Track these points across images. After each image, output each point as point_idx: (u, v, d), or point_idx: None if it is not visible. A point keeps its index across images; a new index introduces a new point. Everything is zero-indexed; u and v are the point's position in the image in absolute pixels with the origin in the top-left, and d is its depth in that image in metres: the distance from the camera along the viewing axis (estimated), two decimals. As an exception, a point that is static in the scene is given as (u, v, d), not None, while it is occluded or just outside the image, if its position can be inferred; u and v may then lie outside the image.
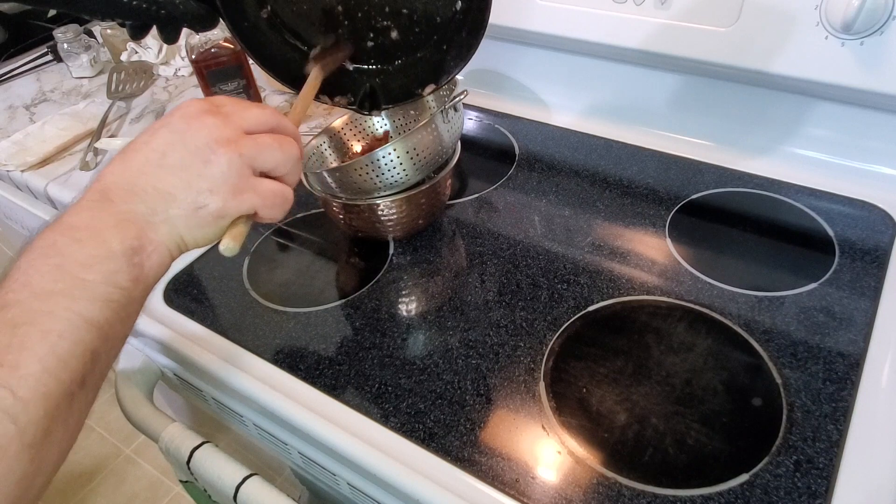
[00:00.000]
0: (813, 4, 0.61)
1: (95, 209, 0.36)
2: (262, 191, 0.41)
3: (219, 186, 0.39)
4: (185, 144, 0.38)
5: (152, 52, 1.12)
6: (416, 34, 0.60)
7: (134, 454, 1.59)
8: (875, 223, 0.65)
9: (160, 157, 0.38)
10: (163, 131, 0.39)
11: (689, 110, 0.78)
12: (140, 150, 0.39)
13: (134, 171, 0.38)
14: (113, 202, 0.37)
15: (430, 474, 0.48)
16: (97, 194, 0.37)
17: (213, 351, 0.60)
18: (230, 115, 0.40)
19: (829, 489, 0.44)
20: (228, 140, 0.39)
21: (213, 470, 0.56)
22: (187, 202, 0.38)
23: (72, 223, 0.36)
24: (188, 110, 0.40)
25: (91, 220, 0.36)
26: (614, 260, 0.64)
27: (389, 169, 0.61)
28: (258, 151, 0.40)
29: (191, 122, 0.39)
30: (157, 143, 0.39)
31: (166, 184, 0.38)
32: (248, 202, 0.40)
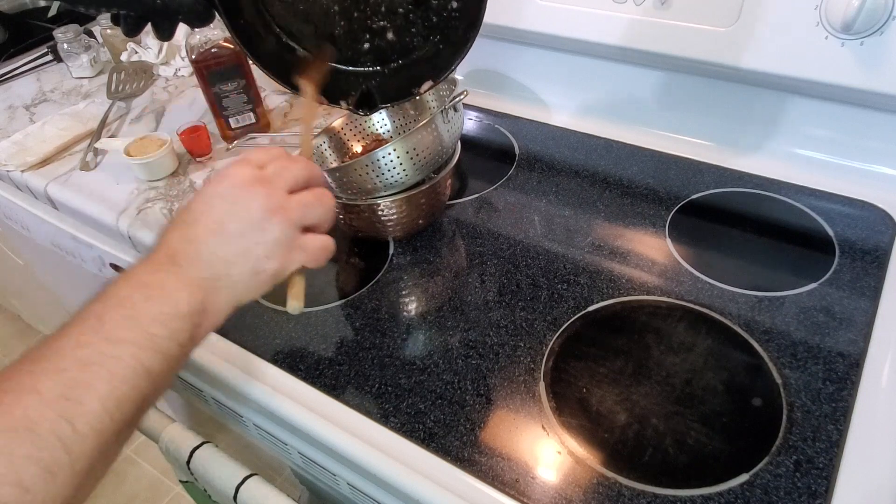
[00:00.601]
0: (813, 4, 0.61)
1: (165, 272, 0.40)
2: (309, 248, 0.45)
3: (274, 252, 0.43)
4: (240, 215, 0.42)
5: (152, 52, 1.12)
6: (412, 34, 0.60)
7: (134, 454, 1.59)
8: (875, 223, 0.65)
9: (219, 227, 0.42)
10: (217, 202, 0.43)
11: (689, 110, 0.78)
12: (199, 222, 0.42)
13: (199, 240, 0.42)
14: (181, 267, 0.41)
15: (430, 474, 0.48)
16: (165, 258, 0.41)
17: (214, 351, 0.60)
18: (274, 179, 0.44)
19: (829, 489, 0.44)
20: (279, 207, 0.43)
21: (213, 470, 0.56)
22: (247, 268, 0.43)
23: (145, 281, 0.40)
24: (236, 179, 0.43)
25: (163, 281, 0.40)
26: (614, 260, 0.64)
27: (389, 169, 0.61)
28: (304, 213, 0.44)
29: (241, 192, 0.43)
30: (214, 214, 0.42)
31: (227, 253, 0.42)
32: (299, 260, 0.45)
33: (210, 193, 0.43)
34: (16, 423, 0.31)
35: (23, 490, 0.30)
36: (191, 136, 0.85)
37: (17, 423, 0.31)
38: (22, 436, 0.31)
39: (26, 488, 0.30)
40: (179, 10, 0.52)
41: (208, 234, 0.42)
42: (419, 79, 0.61)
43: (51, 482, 0.31)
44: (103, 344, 0.36)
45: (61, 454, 0.32)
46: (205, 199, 0.43)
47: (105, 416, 0.34)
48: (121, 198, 0.82)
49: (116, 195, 0.82)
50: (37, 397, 0.32)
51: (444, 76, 0.61)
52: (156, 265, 0.41)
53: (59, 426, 0.32)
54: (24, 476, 0.30)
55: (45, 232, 0.95)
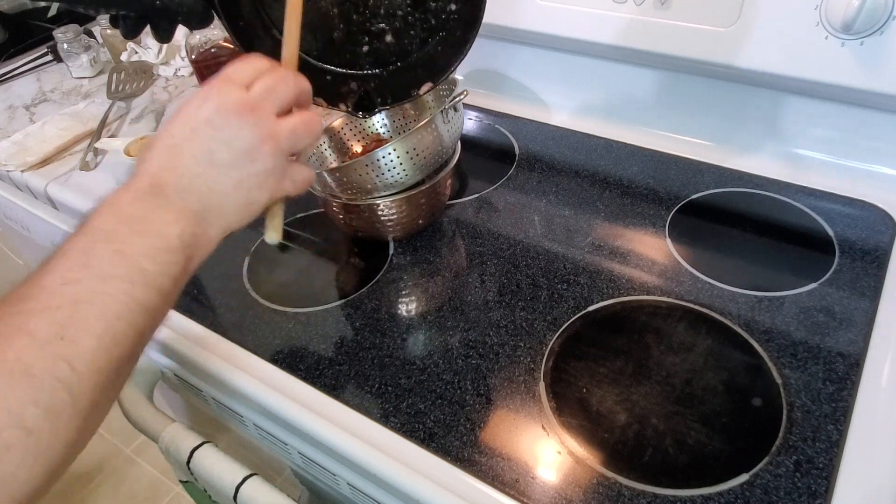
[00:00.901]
0: (813, 4, 0.61)
1: (152, 203, 0.38)
2: (297, 178, 0.44)
3: (265, 182, 0.42)
4: (230, 144, 0.40)
5: (152, 53, 1.12)
6: (411, 36, 0.60)
7: (134, 454, 1.59)
8: (875, 223, 0.65)
9: (208, 157, 0.40)
10: (205, 129, 0.40)
11: (689, 110, 0.78)
12: (184, 149, 0.40)
13: (185, 168, 0.40)
14: (168, 198, 0.39)
15: (430, 474, 0.48)
16: (150, 187, 0.39)
17: (213, 351, 0.60)
18: (262, 103, 0.41)
19: (829, 489, 0.44)
20: (269, 136, 0.41)
21: (213, 470, 0.56)
22: (239, 199, 0.41)
23: (131, 213, 0.38)
24: (223, 103, 0.40)
25: (151, 214, 0.38)
26: (614, 260, 0.64)
27: (389, 169, 0.61)
28: (294, 141, 0.43)
29: (230, 119, 0.40)
30: (202, 141, 0.40)
31: (218, 184, 0.40)
32: (287, 189, 0.44)
33: (195, 118, 0.40)
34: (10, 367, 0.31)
35: (26, 432, 0.30)
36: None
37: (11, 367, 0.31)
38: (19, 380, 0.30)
39: (29, 430, 0.30)
40: (178, 11, 0.52)
41: (196, 164, 0.40)
42: (418, 80, 0.61)
43: (54, 423, 0.31)
44: (94, 281, 0.34)
45: (62, 395, 0.31)
46: (189, 122, 0.41)
47: (103, 354, 0.33)
48: (121, 198, 0.81)
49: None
50: (29, 339, 0.32)
51: (443, 78, 0.61)
52: (141, 194, 0.39)
53: (57, 367, 0.31)
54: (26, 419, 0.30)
55: (45, 232, 0.95)
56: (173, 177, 0.39)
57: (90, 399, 0.33)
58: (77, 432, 0.32)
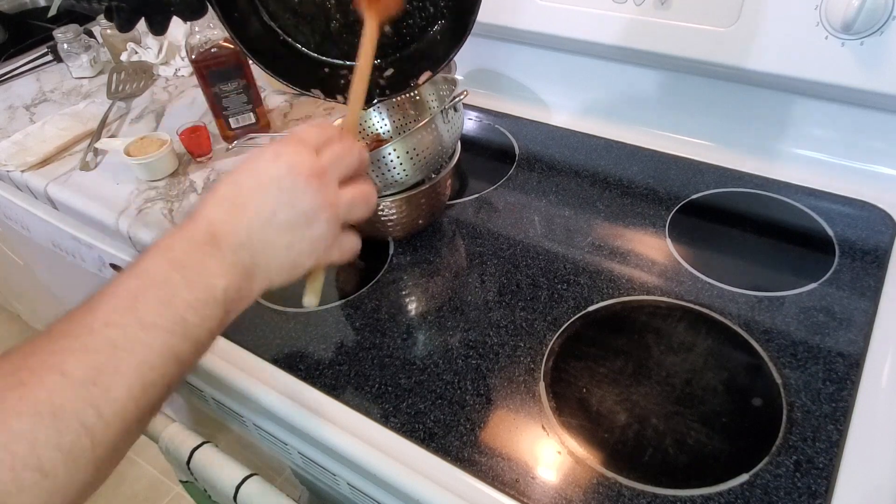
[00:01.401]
0: (813, 4, 0.61)
1: (206, 253, 0.38)
2: (345, 247, 0.45)
3: (316, 248, 0.42)
4: (292, 206, 0.41)
5: (152, 52, 1.12)
6: (409, 25, 0.60)
7: (134, 454, 1.59)
8: (875, 223, 0.65)
9: (270, 214, 0.40)
10: (272, 189, 0.40)
11: (689, 110, 0.78)
12: (248, 205, 0.40)
13: (244, 224, 0.40)
14: (222, 250, 0.39)
15: (430, 474, 0.48)
16: (207, 236, 0.39)
17: (214, 351, 0.60)
18: (329, 171, 0.42)
19: (829, 489, 0.44)
20: (330, 203, 0.42)
21: (213, 470, 0.56)
22: (288, 260, 0.42)
23: (184, 262, 0.38)
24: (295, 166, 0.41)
25: (203, 264, 0.38)
26: (614, 260, 0.64)
27: (389, 169, 0.61)
28: (349, 212, 0.44)
29: (298, 182, 0.41)
30: (268, 199, 0.40)
31: (272, 242, 0.41)
32: (334, 257, 0.45)
33: (263, 174, 0.41)
34: (39, 407, 0.30)
35: (42, 475, 0.30)
36: (191, 136, 0.85)
37: (40, 407, 0.30)
38: (45, 420, 0.30)
39: (46, 473, 0.30)
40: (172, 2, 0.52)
41: (256, 219, 0.40)
42: (417, 70, 0.61)
43: (72, 467, 0.31)
44: (136, 328, 0.34)
45: (84, 440, 0.31)
46: (257, 178, 0.41)
47: (131, 404, 0.33)
48: (121, 198, 0.82)
49: (116, 195, 0.82)
50: (62, 379, 0.31)
51: (441, 66, 0.60)
52: (196, 243, 0.39)
53: (85, 413, 0.31)
54: (44, 461, 0.30)
55: (45, 232, 0.95)
56: (230, 230, 0.39)
57: (110, 446, 0.33)
58: (91, 476, 0.32)
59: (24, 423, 0.30)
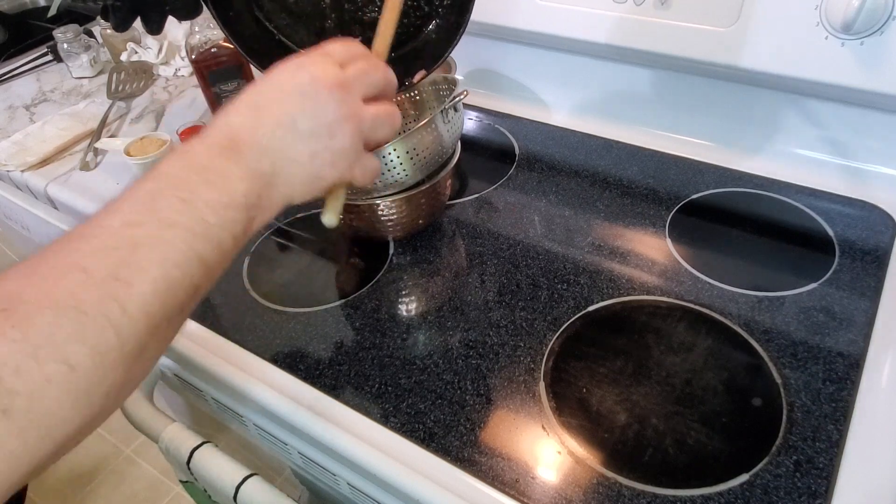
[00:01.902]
0: (813, 4, 0.61)
1: (226, 158, 0.38)
2: (366, 165, 0.44)
3: (339, 160, 0.42)
4: (315, 115, 0.40)
5: (152, 52, 1.12)
6: (404, 24, 0.60)
7: (134, 454, 1.59)
8: (875, 223, 0.65)
9: (292, 121, 0.40)
10: (295, 95, 0.40)
11: (689, 110, 0.78)
12: (270, 110, 0.40)
13: (266, 130, 0.39)
14: (243, 155, 0.38)
15: (430, 474, 0.48)
16: (227, 141, 0.39)
17: (213, 351, 0.60)
18: (354, 84, 0.42)
19: (829, 489, 0.44)
20: (353, 116, 0.41)
21: (213, 470, 0.56)
22: (310, 171, 0.41)
23: (204, 164, 0.37)
24: (318, 76, 0.41)
25: (223, 167, 0.38)
26: (614, 260, 0.64)
27: (389, 169, 0.61)
28: (375, 127, 0.43)
29: (321, 91, 0.40)
30: (289, 106, 0.40)
31: (294, 151, 0.40)
32: (356, 175, 0.44)
33: (287, 83, 0.41)
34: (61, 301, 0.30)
35: (69, 368, 0.29)
36: (191, 136, 0.85)
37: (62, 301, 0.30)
38: (69, 314, 0.29)
39: (73, 366, 0.29)
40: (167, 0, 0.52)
41: (279, 127, 0.40)
42: (412, 69, 0.61)
43: (99, 362, 0.30)
44: (156, 226, 0.34)
45: (110, 335, 0.30)
46: (279, 86, 0.41)
47: (156, 300, 0.33)
48: (121, 198, 0.81)
49: (116, 195, 0.82)
50: (83, 276, 0.31)
51: (437, 65, 0.60)
52: (216, 148, 0.38)
53: (109, 306, 0.31)
54: (70, 354, 0.29)
55: (45, 232, 0.95)
56: (252, 136, 0.39)
57: (138, 343, 0.32)
58: (122, 376, 0.31)
59: (47, 316, 0.29)
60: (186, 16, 0.55)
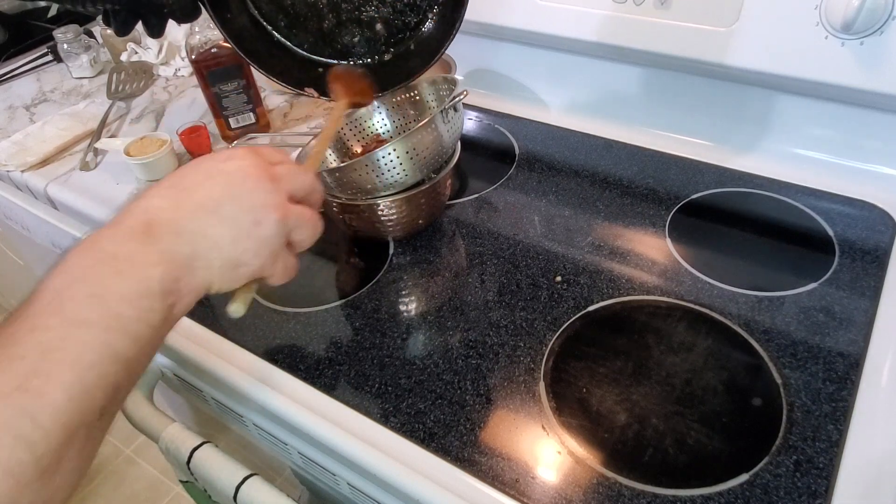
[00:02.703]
0: (813, 4, 0.61)
1: (140, 241, 0.36)
2: (287, 262, 0.43)
3: (261, 249, 0.40)
4: (241, 200, 0.39)
5: (152, 53, 1.12)
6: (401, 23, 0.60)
7: (134, 454, 1.59)
8: (875, 223, 0.65)
9: (216, 205, 0.38)
10: (220, 179, 0.39)
11: (689, 110, 0.78)
12: (194, 193, 0.39)
13: (186, 212, 0.38)
14: (159, 239, 0.36)
15: (430, 474, 0.48)
16: (141, 226, 0.36)
17: (213, 351, 0.60)
18: (282, 179, 0.41)
19: (829, 489, 0.44)
20: (279, 207, 0.40)
21: (213, 470, 0.56)
22: (231, 256, 0.39)
23: (114, 252, 0.35)
24: (244, 163, 0.40)
25: (134, 253, 0.35)
26: (614, 260, 0.64)
27: (389, 169, 0.61)
28: (299, 224, 0.42)
29: (247, 178, 0.39)
30: (213, 190, 0.39)
31: (216, 234, 0.38)
32: (275, 269, 0.42)
33: (212, 168, 0.39)
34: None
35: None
36: (191, 136, 0.85)
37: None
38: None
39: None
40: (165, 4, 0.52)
41: (200, 210, 0.38)
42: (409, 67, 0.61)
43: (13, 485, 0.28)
44: (65, 327, 0.31)
45: (22, 454, 0.28)
46: (204, 171, 0.39)
47: (71, 407, 0.30)
48: (121, 198, 0.82)
49: (116, 195, 0.82)
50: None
51: (434, 60, 0.60)
52: (127, 233, 0.36)
53: (18, 423, 0.28)
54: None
55: (45, 232, 0.95)
56: (171, 217, 0.37)
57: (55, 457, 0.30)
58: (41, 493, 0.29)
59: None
60: (185, 18, 0.55)
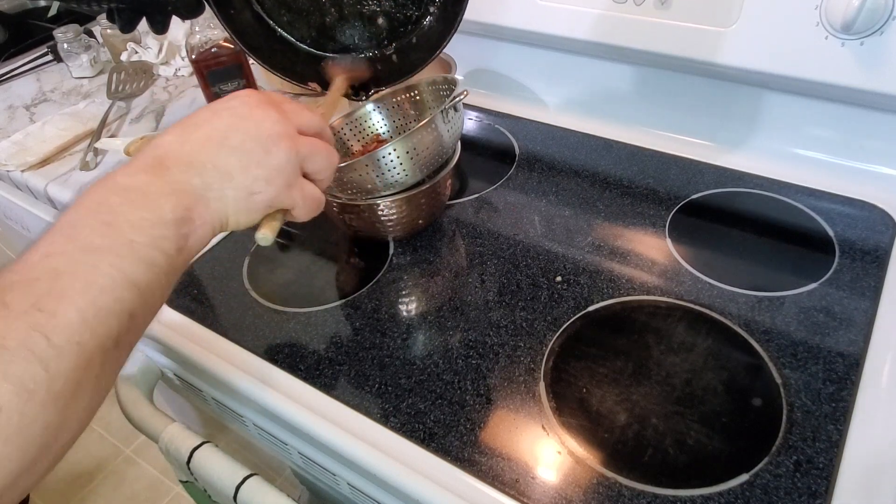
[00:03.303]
0: (813, 4, 0.61)
1: (151, 174, 0.36)
2: (306, 191, 0.43)
3: (274, 177, 0.40)
4: (247, 130, 0.39)
5: (152, 52, 1.12)
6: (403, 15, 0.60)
7: (134, 454, 1.59)
8: (875, 223, 0.65)
9: (222, 136, 0.39)
10: (225, 114, 0.40)
11: (689, 110, 0.78)
12: (201, 127, 0.39)
13: (194, 144, 0.38)
14: (169, 170, 0.37)
15: (430, 474, 0.48)
16: (153, 160, 0.37)
17: (213, 351, 0.60)
18: (288, 112, 0.41)
19: (829, 489, 0.44)
20: (288, 135, 0.40)
21: (213, 470, 0.56)
22: (243, 185, 0.39)
23: (126, 184, 0.36)
24: (249, 99, 0.41)
25: (146, 185, 0.36)
26: (614, 260, 0.64)
27: (389, 169, 0.61)
28: (311, 153, 0.42)
29: (254, 110, 0.40)
30: (219, 123, 0.39)
31: (226, 163, 0.38)
32: (293, 198, 0.42)
33: (218, 105, 0.40)
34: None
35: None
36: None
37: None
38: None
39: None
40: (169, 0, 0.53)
41: (209, 141, 0.38)
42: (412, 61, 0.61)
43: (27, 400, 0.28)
44: (78, 252, 0.32)
45: (37, 369, 0.28)
46: (211, 109, 0.40)
47: (85, 330, 0.30)
48: (121, 198, 0.82)
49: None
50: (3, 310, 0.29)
51: (436, 54, 0.61)
52: (140, 167, 0.37)
53: (32, 339, 0.29)
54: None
55: (45, 232, 0.95)
56: (179, 152, 0.38)
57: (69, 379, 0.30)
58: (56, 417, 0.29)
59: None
60: (188, 14, 0.56)
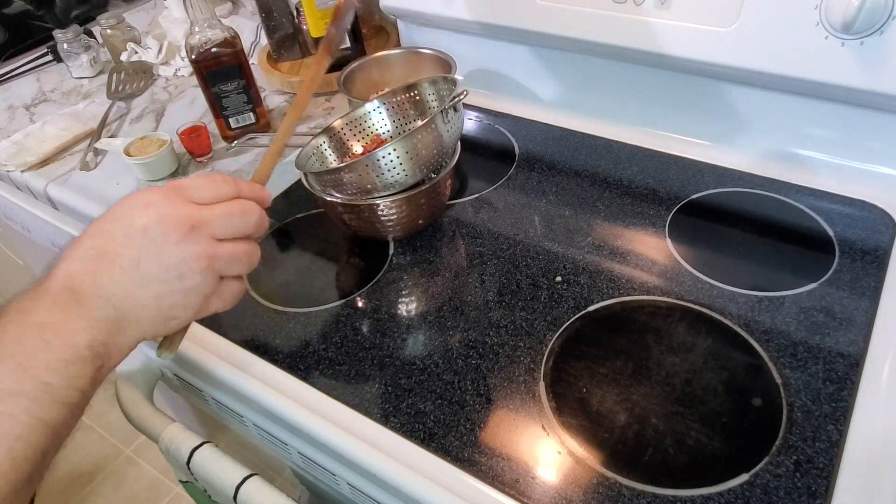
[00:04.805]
0: (813, 4, 0.61)
1: (65, 310, 0.36)
2: (225, 294, 0.43)
3: (190, 300, 0.40)
4: (160, 257, 0.39)
5: (152, 52, 1.12)
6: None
7: (134, 454, 1.59)
8: (875, 223, 0.65)
9: (135, 266, 0.38)
10: (139, 238, 0.39)
11: (690, 110, 0.78)
12: (113, 255, 0.38)
13: (107, 278, 0.38)
14: (84, 304, 0.37)
15: (430, 474, 0.48)
16: (66, 292, 0.37)
17: (214, 351, 0.60)
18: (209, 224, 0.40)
19: (829, 489, 0.44)
20: (204, 255, 0.40)
21: (213, 470, 0.56)
22: (159, 313, 0.40)
23: (39, 321, 0.35)
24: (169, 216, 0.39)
25: (61, 322, 0.36)
26: (614, 260, 0.64)
27: (389, 169, 0.61)
28: (229, 262, 0.42)
29: (168, 233, 0.39)
30: (132, 250, 0.39)
31: (140, 296, 0.39)
32: (211, 307, 0.42)
33: (131, 224, 0.39)
34: None
35: None
36: (191, 136, 0.85)
37: None
38: None
39: None
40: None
41: (122, 275, 0.38)
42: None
43: None
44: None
45: None
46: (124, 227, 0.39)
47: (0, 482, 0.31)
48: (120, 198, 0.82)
49: (116, 195, 0.82)
50: None
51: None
52: (53, 300, 0.36)
53: None
54: None
55: (45, 232, 0.95)
56: (92, 284, 0.37)
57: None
58: None
59: None
60: None
